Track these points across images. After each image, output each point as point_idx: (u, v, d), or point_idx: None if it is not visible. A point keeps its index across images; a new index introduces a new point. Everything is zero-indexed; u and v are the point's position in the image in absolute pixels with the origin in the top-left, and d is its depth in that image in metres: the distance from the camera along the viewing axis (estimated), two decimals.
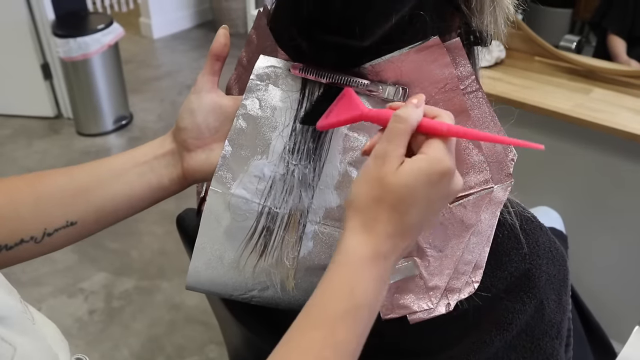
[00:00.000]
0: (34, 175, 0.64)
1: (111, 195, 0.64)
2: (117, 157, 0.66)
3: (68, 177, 0.64)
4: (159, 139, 0.68)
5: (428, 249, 0.60)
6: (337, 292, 0.49)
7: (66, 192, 0.63)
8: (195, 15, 4.67)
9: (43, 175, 0.64)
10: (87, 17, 3.09)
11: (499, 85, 1.62)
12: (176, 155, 0.67)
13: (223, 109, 0.65)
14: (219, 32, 0.67)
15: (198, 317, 2.02)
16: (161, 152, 0.67)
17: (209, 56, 0.67)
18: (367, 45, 0.58)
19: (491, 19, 0.61)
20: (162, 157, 0.66)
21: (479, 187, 0.60)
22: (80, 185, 0.63)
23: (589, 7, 2.09)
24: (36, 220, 0.61)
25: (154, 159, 0.66)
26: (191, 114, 0.65)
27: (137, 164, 0.65)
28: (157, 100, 3.51)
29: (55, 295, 2.11)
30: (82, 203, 0.63)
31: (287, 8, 0.62)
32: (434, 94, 0.59)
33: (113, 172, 0.65)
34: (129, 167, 0.65)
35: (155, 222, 2.45)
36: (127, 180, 0.65)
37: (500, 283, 0.62)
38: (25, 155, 2.93)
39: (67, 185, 0.63)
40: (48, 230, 0.61)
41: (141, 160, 0.66)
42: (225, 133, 0.65)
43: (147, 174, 0.66)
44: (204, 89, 0.66)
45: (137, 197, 0.66)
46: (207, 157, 0.66)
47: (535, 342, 0.64)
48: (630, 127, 1.42)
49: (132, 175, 0.65)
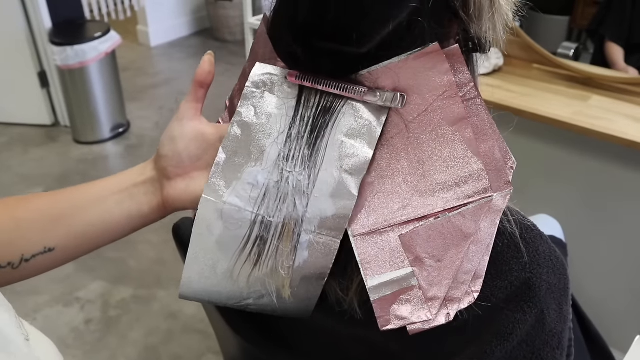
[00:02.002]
0: (14, 199, 0.63)
1: (90, 222, 0.63)
2: (96, 183, 0.65)
3: (47, 202, 0.63)
4: (140, 165, 0.66)
5: (427, 259, 0.59)
6: None
7: (45, 218, 0.62)
8: (192, 23, 4.67)
9: (23, 200, 0.63)
10: (85, 25, 3.09)
11: (498, 92, 1.62)
12: (156, 183, 0.65)
13: (205, 137, 0.64)
14: (204, 58, 0.66)
15: (195, 327, 2.01)
16: (141, 180, 0.65)
17: (193, 83, 0.65)
18: (364, 51, 0.57)
19: (490, 25, 0.60)
20: (142, 184, 0.65)
21: (477, 196, 0.59)
22: (58, 211, 0.62)
23: (586, 15, 2.10)
24: (14, 246, 0.60)
25: (134, 187, 0.65)
26: (172, 142, 0.64)
27: (116, 191, 0.64)
28: (155, 108, 3.50)
29: (51, 305, 2.10)
30: (60, 229, 0.62)
31: (284, 15, 0.61)
32: (433, 101, 0.58)
33: (92, 199, 0.63)
34: (107, 194, 0.64)
35: (153, 231, 2.43)
36: (106, 208, 0.63)
37: (500, 293, 0.61)
38: (21, 163, 2.92)
39: (46, 212, 0.62)
40: (25, 256, 0.60)
41: (121, 188, 0.64)
42: (207, 162, 0.64)
43: (126, 202, 0.64)
44: (186, 116, 0.64)
45: (117, 224, 0.65)
46: (187, 186, 0.64)
47: (536, 352, 0.63)
48: (629, 134, 1.42)
49: (111, 202, 0.64)
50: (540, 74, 1.72)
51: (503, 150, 0.61)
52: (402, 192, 0.59)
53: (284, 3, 0.61)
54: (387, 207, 0.59)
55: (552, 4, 2.16)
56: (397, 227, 0.59)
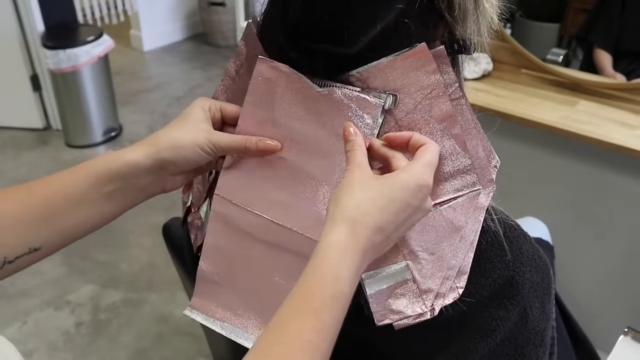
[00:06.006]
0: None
1: (78, 222, 0.62)
2: (81, 181, 0.62)
3: (27, 202, 0.59)
4: (133, 162, 0.63)
5: (420, 252, 0.60)
6: (323, 279, 0.51)
7: (26, 220, 0.59)
8: (185, 28, 4.68)
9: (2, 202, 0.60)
10: (77, 29, 3.09)
11: (486, 97, 1.63)
12: (155, 174, 0.64)
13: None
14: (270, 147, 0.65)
15: (186, 329, 2.01)
16: (139, 172, 0.63)
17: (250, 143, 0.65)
18: (353, 52, 0.59)
19: (474, 27, 0.62)
20: (136, 177, 0.63)
21: (467, 190, 0.61)
22: (41, 214, 0.59)
23: (576, 22, 2.12)
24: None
25: (131, 176, 0.63)
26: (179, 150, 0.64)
27: (108, 192, 0.62)
28: (147, 112, 3.50)
29: (42, 308, 2.09)
30: (45, 231, 0.60)
31: (274, 17, 0.63)
32: (421, 99, 0.59)
33: (77, 200, 0.61)
34: (97, 196, 0.62)
35: (145, 235, 2.44)
36: (96, 206, 0.62)
37: (484, 290, 0.63)
38: (13, 167, 2.92)
39: (29, 216, 0.59)
40: (9, 258, 0.58)
41: (113, 187, 0.62)
42: None
43: (118, 198, 0.63)
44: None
45: (110, 215, 0.64)
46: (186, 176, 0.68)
47: (519, 349, 0.64)
48: (615, 138, 1.43)
49: (101, 201, 0.62)
50: (529, 79, 1.74)
51: (487, 149, 0.62)
52: None
53: (275, 5, 0.62)
54: None
55: (543, 11, 2.19)
56: None
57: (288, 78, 0.62)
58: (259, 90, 0.64)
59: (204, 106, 0.65)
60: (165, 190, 0.67)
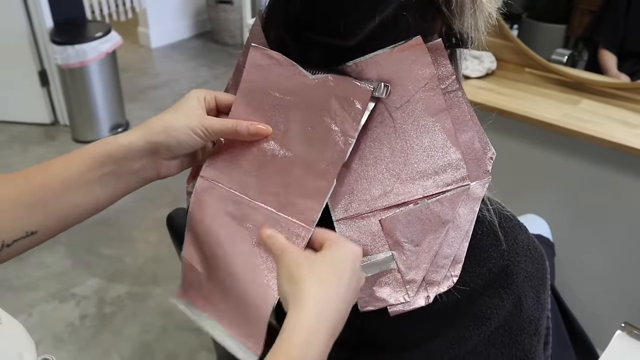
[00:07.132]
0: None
1: (72, 206, 0.63)
2: (78, 163, 0.62)
3: (24, 187, 0.61)
4: (126, 144, 0.64)
5: (405, 242, 0.61)
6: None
7: (23, 204, 0.60)
8: (193, 26, 4.70)
9: None
10: (86, 25, 3.11)
11: (490, 95, 1.64)
12: (150, 159, 0.66)
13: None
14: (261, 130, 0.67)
15: (190, 324, 2.02)
16: (132, 154, 0.64)
17: (243, 126, 0.66)
18: (351, 44, 0.60)
19: (472, 21, 0.63)
20: (130, 160, 0.64)
21: (455, 184, 0.61)
22: (38, 198, 0.60)
23: (582, 23, 2.12)
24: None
25: (125, 159, 0.64)
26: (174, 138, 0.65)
27: (102, 174, 0.63)
28: (154, 108, 3.52)
29: (47, 301, 2.11)
30: (42, 213, 0.61)
31: (276, 10, 0.64)
32: (415, 92, 0.61)
33: (73, 183, 0.62)
34: (92, 178, 0.63)
35: (149, 230, 2.45)
36: (91, 189, 0.63)
37: (479, 279, 0.64)
38: (20, 161, 2.94)
39: (26, 200, 0.60)
40: (6, 242, 0.59)
41: (107, 170, 0.63)
42: None
43: (111, 182, 0.64)
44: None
45: (103, 202, 0.65)
46: (181, 162, 0.69)
47: (513, 337, 0.65)
48: (617, 137, 1.44)
49: (95, 185, 0.63)
50: (533, 78, 1.74)
51: (483, 141, 0.63)
52: (384, 179, 0.62)
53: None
54: (369, 192, 0.62)
55: (550, 13, 2.19)
56: (378, 212, 0.62)
57: (281, 65, 0.63)
58: (252, 77, 0.65)
59: (198, 96, 0.67)
60: (160, 176, 0.67)
